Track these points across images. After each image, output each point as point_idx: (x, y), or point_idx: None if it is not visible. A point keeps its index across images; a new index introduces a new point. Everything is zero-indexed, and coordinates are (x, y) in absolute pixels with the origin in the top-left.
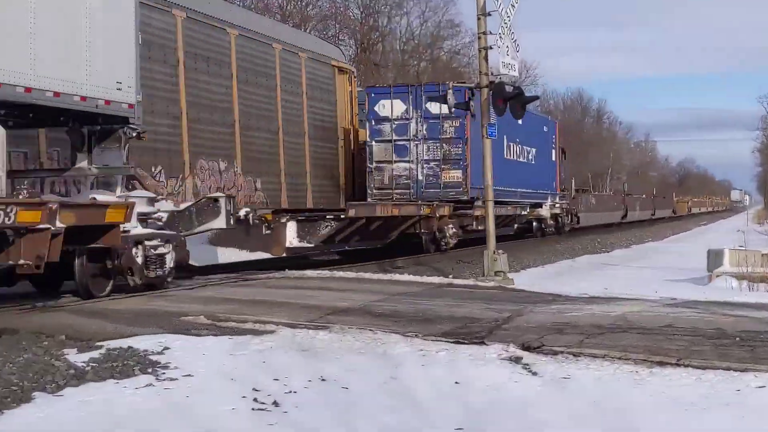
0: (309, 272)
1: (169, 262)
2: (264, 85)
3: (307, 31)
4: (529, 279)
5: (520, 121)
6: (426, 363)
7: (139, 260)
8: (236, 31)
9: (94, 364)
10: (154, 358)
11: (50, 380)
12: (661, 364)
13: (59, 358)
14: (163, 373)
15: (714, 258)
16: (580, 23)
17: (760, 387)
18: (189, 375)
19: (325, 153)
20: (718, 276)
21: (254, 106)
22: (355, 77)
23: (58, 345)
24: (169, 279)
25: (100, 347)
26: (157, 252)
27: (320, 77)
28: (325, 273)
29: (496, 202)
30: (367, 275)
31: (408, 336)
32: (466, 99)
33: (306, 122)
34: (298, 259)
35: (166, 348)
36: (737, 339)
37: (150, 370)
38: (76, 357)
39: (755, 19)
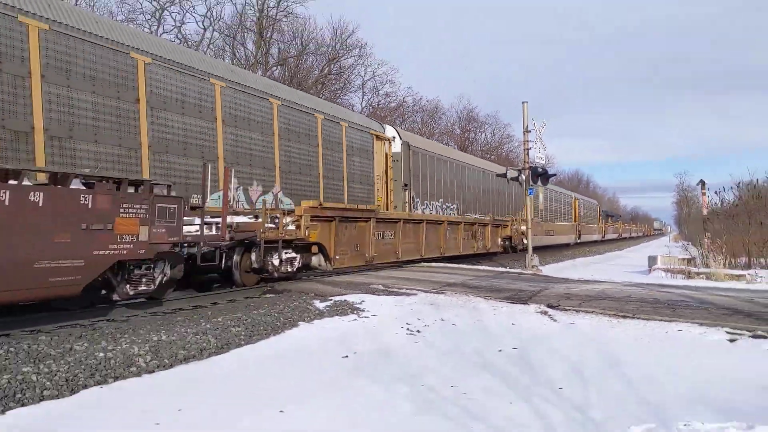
0: (432, 264)
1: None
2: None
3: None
4: (550, 270)
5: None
6: (496, 313)
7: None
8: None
9: (328, 308)
10: (357, 305)
11: (307, 316)
12: (624, 317)
13: (310, 305)
14: (362, 313)
15: (652, 260)
16: (578, 135)
17: (679, 330)
18: (374, 315)
19: None
20: (654, 270)
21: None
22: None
23: (310, 298)
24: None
25: (331, 300)
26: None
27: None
28: (441, 265)
29: None
30: (463, 266)
31: (486, 298)
32: (517, 175)
33: None
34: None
35: (363, 301)
36: (666, 304)
37: (355, 312)
38: (319, 304)
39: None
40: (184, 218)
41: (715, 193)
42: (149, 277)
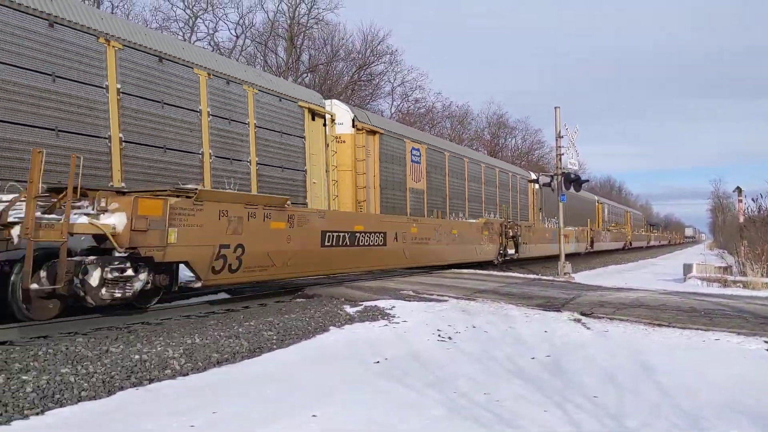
0: (463, 270)
1: None
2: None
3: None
4: (582, 277)
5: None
6: (528, 320)
7: None
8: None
9: (358, 313)
10: (387, 311)
11: (337, 321)
12: (659, 325)
13: (341, 310)
14: (392, 319)
15: (687, 268)
16: (609, 142)
17: (716, 339)
18: (405, 321)
19: None
20: (689, 278)
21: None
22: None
23: (341, 303)
24: None
25: (361, 305)
26: None
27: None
28: (470, 271)
29: None
30: (494, 272)
31: (518, 305)
32: (549, 182)
33: None
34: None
35: (393, 306)
36: (702, 312)
37: (385, 317)
38: (349, 309)
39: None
40: None
41: (753, 200)
42: None
